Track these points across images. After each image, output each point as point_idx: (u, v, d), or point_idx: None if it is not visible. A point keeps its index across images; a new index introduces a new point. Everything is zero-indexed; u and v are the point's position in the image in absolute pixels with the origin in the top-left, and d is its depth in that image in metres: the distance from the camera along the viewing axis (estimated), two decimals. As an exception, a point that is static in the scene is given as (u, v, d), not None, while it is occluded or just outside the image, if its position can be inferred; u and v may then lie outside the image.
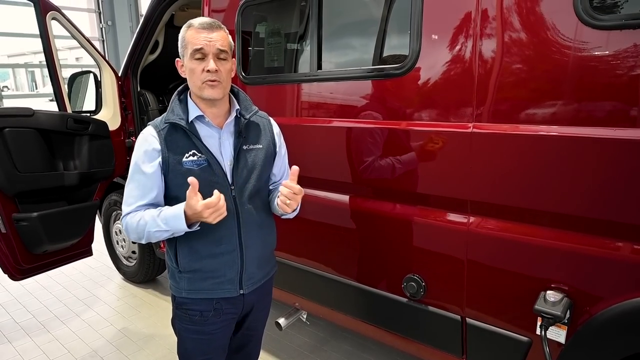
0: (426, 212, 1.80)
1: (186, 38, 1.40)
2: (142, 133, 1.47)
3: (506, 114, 1.53)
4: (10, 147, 2.50)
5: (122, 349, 2.83)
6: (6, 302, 3.48)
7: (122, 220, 1.48)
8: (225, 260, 1.50)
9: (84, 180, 2.87)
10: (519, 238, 1.57)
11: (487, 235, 1.64)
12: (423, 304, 1.86)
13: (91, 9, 12.09)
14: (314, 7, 1.99)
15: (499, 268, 1.63)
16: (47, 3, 2.80)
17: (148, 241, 1.46)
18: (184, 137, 1.44)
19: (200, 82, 1.40)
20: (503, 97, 1.54)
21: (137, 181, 1.44)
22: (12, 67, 23.82)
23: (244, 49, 2.38)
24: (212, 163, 1.44)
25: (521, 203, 1.54)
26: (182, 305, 1.55)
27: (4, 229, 2.60)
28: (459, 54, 1.61)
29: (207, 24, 1.39)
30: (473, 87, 1.58)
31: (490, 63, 1.54)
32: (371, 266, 2.05)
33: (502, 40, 1.52)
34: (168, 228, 1.37)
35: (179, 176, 1.42)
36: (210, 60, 1.38)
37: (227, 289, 1.52)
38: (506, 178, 1.55)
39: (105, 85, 3.27)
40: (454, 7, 1.61)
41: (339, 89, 2.00)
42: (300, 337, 2.88)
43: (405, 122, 1.78)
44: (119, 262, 3.84)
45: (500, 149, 1.55)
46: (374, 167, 1.90)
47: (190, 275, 1.51)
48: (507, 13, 1.50)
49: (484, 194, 1.61)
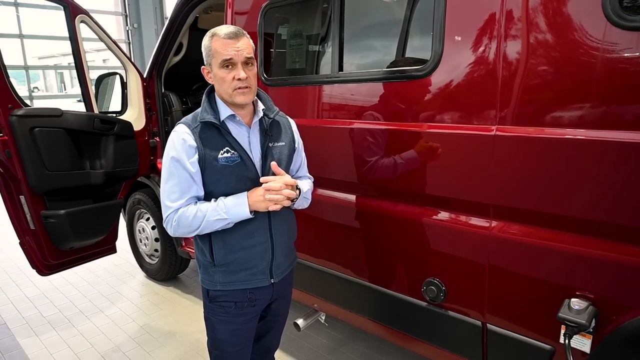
0: (447, 216, 1.78)
1: (213, 48, 1.46)
2: (175, 131, 1.51)
3: (531, 116, 1.50)
4: (40, 147, 2.58)
5: (144, 345, 2.88)
6: (34, 297, 3.58)
7: (168, 216, 1.50)
8: (258, 251, 1.58)
9: (109, 179, 2.94)
10: (543, 244, 1.53)
11: (510, 240, 1.61)
12: (443, 309, 1.84)
13: (118, 12, 12.39)
14: (336, 9, 1.99)
15: (522, 274, 1.60)
16: (77, 7, 2.88)
17: (199, 233, 1.51)
18: (217, 134, 1.51)
19: (231, 90, 1.47)
20: (527, 100, 1.51)
21: (178, 177, 1.48)
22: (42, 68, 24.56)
23: (265, 51, 2.39)
24: (245, 159, 1.51)
25: (546, 208, 1.51)
26: (216, 299, 1.62)
27: (32, 226, 2.68)
28: (483, 55, 1.58)
29: (233, 34, 1.45)
30: (497, 89, 1.56)
31: (514, 65, 1.51)
32: (391, 269, 2.04)
33: (528, 42, 1.49)
34: (227, 216, 1.46)
35: (215, 172, 1.49)
36: (240, 69, 1.45)
37: (260, 279, 1.60)
38: (530, 182, 1.52)
39: (130, 87, 3.35)
40: (478, 8, 1.59)
41: (360, 90, 1.99)
42: (319, 339, 2.88)
43: (427, 125, 1.77)
44: (141, 260, 3.91)
45: (524, 152, 1.52)
46: (394, 169, 1.89)
47: (224, 269, 1.57)
48: (533, 14, 1.47)
49: (507, 198, 1.59)
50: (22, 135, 2.51)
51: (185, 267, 3.76)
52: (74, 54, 2.90)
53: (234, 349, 1.67)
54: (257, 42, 2.38)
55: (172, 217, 1.50)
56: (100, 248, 3.08)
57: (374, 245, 2.07)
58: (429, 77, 1.73)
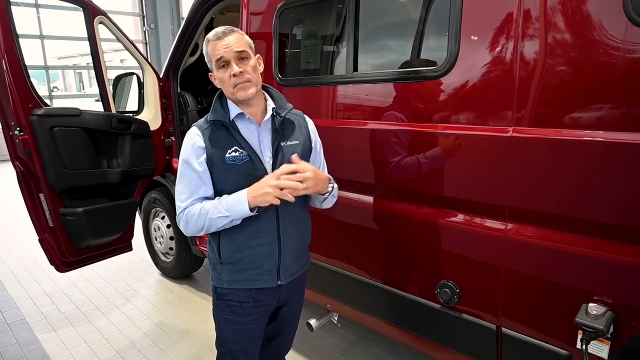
0: (462, 217, 1.76)
1: (208, 52, 1.49)
2: (188, 133, 1.55)
3: (548, 117, 1.48)
4: (59, 145, 2.63)
5: (159, 342, 2.91)
6: (52, 292, 3.66)
7: (179, 216, 1.55)
8: (264, 251, 1.56)
9: (125, 177, 2.98)
10: (560, 247, 1.51)
11: (526, 243, 1.59)
12: (457, 311, 1.82)
13: (135, 12, 12.57)
14: (351, 9, 1.99)
15: (538, 277, 1.58)
16: (96, 8, 2.93)
17: (207, 231, 1.52)
18: (226, 134, 1.52)
19: (231, 88, 1.48)
20: (545, 101, 1.48)
21: (188, 177, 1.52)
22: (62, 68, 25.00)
23: (280, 51, 2.40)
24: (254, 158, 1.51)
25: (563, 211, 1.48)
26: (222, 296, 1.63)
27: (51, 223, 2.73)
28: (499, 55, 1.56)
29: (221, 33, 1.47)
30: (513, 89, 1.53)
31: (532, 65, 1.49)
32: (404, 270, 2.03)
33: (546, 42, 1.46)
34: (229, 214, 1.45)
35: (223, 171, 1.50)
36: (233, 65, 1.46)
37: (266, 279, 1.59)
38: (547, 184, 1.50)
39: (147, 87, 3.39)
40: (495, 8, 1.57)
41: (374, 91, 1.99)
42: (331, 339, 2.88)
43: (442, 126, 1.75)
44: (157, 258, 3.96)
45: (542, 154, 1.49)
46: (410, 170, 1.88)
47: (231, 267, 1.58)
48: (551, 13, 1.44)
49: (523, 200, 1.56)
50: (42, 134, 2.56)
51: (199, 266, 3.80)
52: (93, 55, 2.95)
53: (239, 348, 1.68)
54: (272, 42, 2.39)
55: (181, 216, 1.54)
56: (116, 246, 3.12)
57: (387, 246, 2.06)
58: (445, 78, 1.71)
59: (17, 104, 2.51)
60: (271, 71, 2.40)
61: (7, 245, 4.77)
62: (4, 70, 2.47)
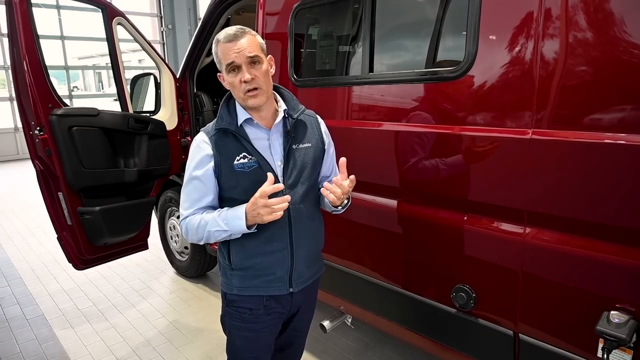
0: (479, 221, 1.73)
1: (218, 54, 1.43)
2: (195, 139, 1.52)
3: (569, 119, 1.44)
4: (77, 145, 2.67)
5: (173, 340, 2.93)
6: (70, 289, 3.72)
7: (181, 224, 1.53)
8: (276, 258, 1.52)
9: (142, 177, 3.01)
10: (580, 252, 1.47)
11: (545, 247, 1.55)
12: (473, 316, 1.79)
13: (153, 13, 12.72)
14: (367, 9, 1.97)
15: (557, 283, 1.54)
16: (114, 9, 2.96)
17: (207, 242, 1.49)
18: (234, 141, 1.47)
19: (242, 94, 1.43)
20: (566, 102, 1.44)
21: (193, 185, 1.49)
22: (81, 68, 25.45)
23: (296, 52, 2.39)
24: (263, 164, 1.46)
25: (583, 215, 1.45)
26: (232, 303, 1.58)
27: (69, 221, 2.78)
28: (519, 55, 1.53)
29: (232, 36, 1.40)
30: (533, 91, 1.50)
31: (553, 65, 1.45)
32: (419, 274, 2.00)
33: (567, 41, 1.43)
34: (227, 228, 1.41)
35: (232, 179, 1.46)
36: (244, 71, 1.40)
37: (277, 286, 1.55)
38: (567, 188, 1.46)
39: (164, 87, 3.42)
40: (515, 7, 1.53)
41: (391, 92, 1.97)
42: (345, 341, 2.86)
43: (459, 127, 1.72)
44: (172, 257, 3.99)
45: (562, 156, 1.46)
46: (425, 172, 1.85)
47: (241, 273, 1.54)
48: (573, 12, 1.41)
49: (543, 204, 1.53)
50: (60, 134, 2.60)
51: (214, 265, 3.82)
52: (111, 55, 2.99)
53: (249, 355, 1.63)
54: (287, 43, 2.38)
55: (183, 224, 1.51)
56: (132, 244, 3.16)
57: (403, 249, 2.04)
58: (463, 79, 1.68)
59: (37, 103, 2.55)
60: (286, 71, 2.39)
61: (28, 242, 4.87)
62: (25, 70, 2.52)
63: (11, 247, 4.75)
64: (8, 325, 3.15)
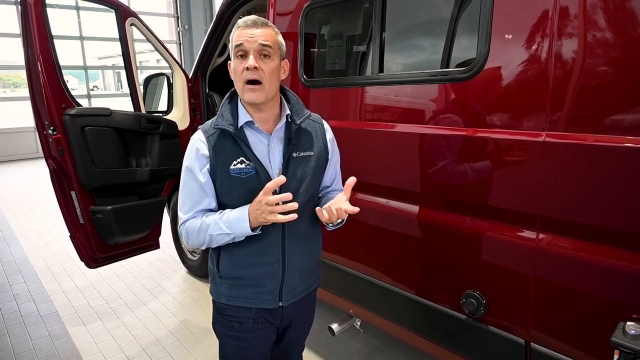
0: (490, 226, 1.68)
1: (233, 39, 1.33)
2: (192, 138, 1.42)
3: (584, 121, 1.39)
4: (90, 145, 2.69)
5: (182, 340, 2.94)
6: (84, 287, 3.76)
7: (180, 228, 1.44)
8: (267, 271, 1.45)
9: (154, 177, 3.03)
10: (595, 260, 1.41)
11: (558, 254, 1.49)
12: (483, 323, 1.75)
13: (170, 13, 12.84)
14: (377, 8, 1.94)
15: (571, 292, 1.48)
16: (127, 10, 2.98)
17: (208, 246, 1.41)
18: (232, 143, 1.37)
19: (242, 83, 1.32)
20: (581, 103, 1.39)
21: (190, 187, 1.40)
22: (100, 68, 25.86)
23: (306, 52, 2.37)
24: (260, 171, 1.36)
25: (598, 221, 1.39)
26: (222, 311, 1.52)
27: (82, 220, 2.80)
28: (533, 55, 1.48)
29: (252, 21, 1.30)
30: (547, 92, 1.45)
31: (568, 65, 1.40)
32: (428, 278, 1.96)
33: (584, 40, 1.37)
34: (230, 231, 1.33)
35: (226, 184, 1.37)
36: (250, 57, 1.29)
37: (266, 299, 1.47)
38: (582, 193, 1.41)
39: (176, 87, 3.44)
40: (529, 5, 1.49)
41: (400, 92, 1.93)
42: (354, 344, 2.83)
43: (470, 129, 1.68)
44: (184, 256, 4.01)
45: (576, 160, 1.40)
46: (435, 175, 1.81)
47: (230, 282, 1.47)
48: (590, 10, 1.35)
49: (556, 209, 1.47)
50: (73, 134, 2.63)
51: (225, 265, 3.81)
52: (124, 56, 3.01)
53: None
54: (297, 42, 2.36)
55: (182, 229, 1.42)
56: (144, 243, 3.18)
57: (412, 253, 2.00)
58: (474, 79, 1.64)
59: (51, 103, 2.59)
60: (296, 72, 2.37)
61: (44, 240, 4.95)
62: (39, 70, 2.55)
63: (28, 244, 4.83)
64: (23, 321, 3.20)
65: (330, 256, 2.37)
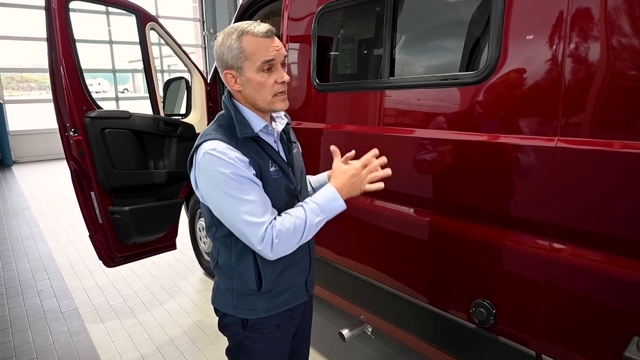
0: (500, 233, 1.63)
1: (246, 48, 1.24)
2: (215, 150, 1.24)
3: (597, 126, 1.34)
4: (109, 146, 2.76)
5: (196, 340, 2.97)
6: (104, 285, 3.85)
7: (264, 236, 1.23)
8: (300, 267, 1.48)
9: (171, 178, 3.08)
10: (609, 270, 1.35)
11: (570, 264, 1.44)
12: (493, 333, 1.70)
13: (196, 18, 13.09)
14: (389, 12, 1.92)
15: (583, 303, 1.43)
16: (147, 15, 3.05)
17: (301, 243, 1.30)
18: (258, 148, 1.33)
19: (270, 96, 1.30)
20: (595, 108, 1.34)
21: (250, 190, 1.25)
22: (130, 72, 26.53)
23: (319, 56, 2.37)
24: (286, 170, 1.39)
25: (612, 231, 1.34)
26: (257, 326, 1.44)
27: (101, 220, 2.87)
28: (545, 59, 1.44)
29: (270, 32, 1.27)
30: (559, 96, 1.40)
31: (581, 69, 1.35)
32: (438, 286, 1.92)
33: (597, 44, 1.32)
34: (324, 214, 1.30)
35: (270, 187, 1.32)
36: (280, 70, 1.29)
37: (300, 295, 1.51)
38: (594, 201, 1.35)
39: (194, 91, 3.49)
40: (541, 8, 1.44)
41: (410, 97, 1.90)
42: (366, 350, 2.80)
43: (480, 134, 1.64)
44: (201, 258, 4.06)
45: (589, 166, 1.35)
46: (441, 180, 1.77)
47: (269, 294, 1.41)
48: (604, 12, 1.30)
49: (568, 217, 1.42)
50: (93, 136, 2.70)
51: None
52: (144, 59, 3.08)
53: None
54: (311, 46, 2.36)
55: (269, 234, 1.23)
56: (161, 244, 3.23)
57: (420, 260, 1.96)
58: (484, 83, 1.60)
59: (73, 106, 2.66)
60: (310, 76, 2.37)
61: (69, 238, 5.10)
62: (62, 74, 2.63)
63: (54, 241, 4.99)
64: (44, 317, 3.30)
65: (340, 260, 2.36)
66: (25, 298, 3.62)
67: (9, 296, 3.66)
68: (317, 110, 2.37)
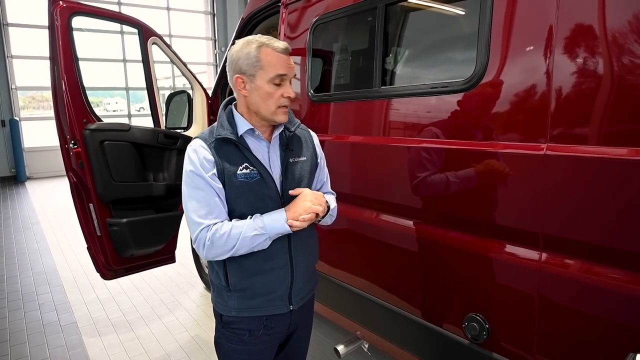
0: (490, 245, 1.58)
1: (264, 59, 1.35)
2: (191, 146, 1.40)
3: (587, 133, 1.29)
4: (108, 159, 2.77)
5: (192, 356, 2.93)
6: (104, 299, 3.84)
7: (198, 236, 1.35)
8: (276, 276, 1.47)
9: (170, 191, 3.08)
10: (603, 283, 1.29)
11: (563, 276, 1.38)
12: (486, 349, 1.63)
13: (208, 37, 13.35)
14: (380, 23, 1.91)
15: (577, 317, 1.36)
16: (149, 30, 3.10)
17: (234, 254, 1.36)
18: (235, 150, 1.41)
19: (275, 107, 1.39)
20: (584, 115, 1.30)
21: (204, 192, 1.36)
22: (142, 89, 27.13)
23: (314, 67, 2.37)
24: (265, 176, 1.41)
25: (604, 241, 1.28)
26: (230, 325, 1.50)
27: (99, 232, 2.87)
28: (533, 66, 1.41)
29: (288, 50, 1.39)
30: (548, 103, 1.37)
31: (569, 75, 1.32)
32: (429, 300, 1.86)
33: (585, 51, 1.29)
34: (265, 232, 1.35)
35: (233, 189, 1.39)
36: (288, 86, 1.40)
37: (278, 305, 1.49)
38: (586, 210, 1.30)
39: (196, 104, 3.52)
40: (529, 16, 1.42)
41: (401, 106, 1.88)
42: (364, 367, 2.73)
43: (469, 142, 1.60)
44: (202, 272, 4.03)
45: (579, 174, 1.30)
46: (431, 190, 1.73)
47: (240, 294, 1.46)
48: (592, 22, 1.27)
49: (559, 227, 1.37)
50: (92, 148, 2.72)
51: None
52: (146, 74, 3.11)
53: None
54: (306, 58, 2.37)
55: (203, 235, 1.34)
56: (159, 257, 3.21)
57: (411, 272, 1.91)
58: (473, 90, 1.57)
59: (73, 119, 2.69)
60: (304, 87, 2.37)
61: (74, 251, 5.13)
62: (63, 89, 2.67)
63: (59, 255, 5.01)
64: (43, 330, 3.29)
65: (335, 273, 2.31)
66: (26, 311, 3.62)
67: (10, 309, 3.66)
68: (312, 120, 2.36)
